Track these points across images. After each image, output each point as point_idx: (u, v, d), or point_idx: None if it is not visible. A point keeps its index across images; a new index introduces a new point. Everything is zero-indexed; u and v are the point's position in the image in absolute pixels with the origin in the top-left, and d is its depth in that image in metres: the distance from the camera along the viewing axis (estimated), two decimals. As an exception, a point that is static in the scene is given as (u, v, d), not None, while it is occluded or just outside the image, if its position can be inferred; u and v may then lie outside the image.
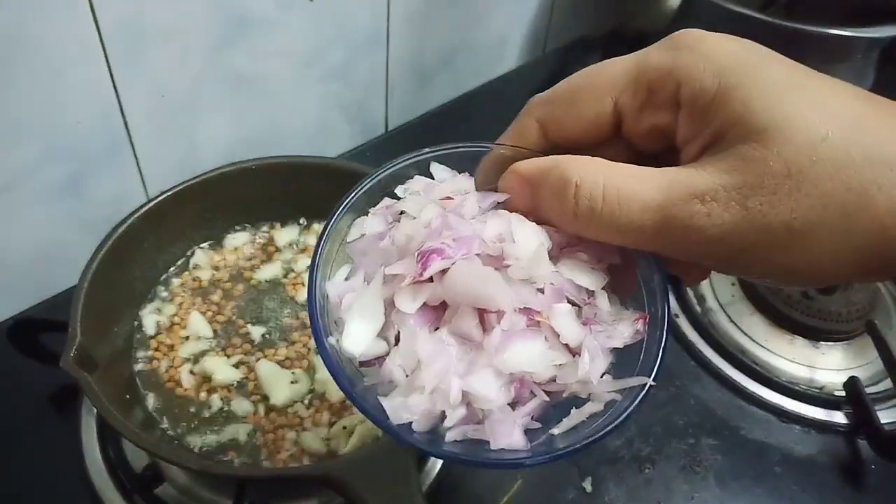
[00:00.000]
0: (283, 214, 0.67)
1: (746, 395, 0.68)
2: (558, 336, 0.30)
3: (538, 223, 0.31)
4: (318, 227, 0.68)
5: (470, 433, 0.30)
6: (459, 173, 0.34)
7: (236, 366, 0.58)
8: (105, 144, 0.67)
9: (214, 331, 0.60)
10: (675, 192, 0.27)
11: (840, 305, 0.71)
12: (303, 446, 0.53)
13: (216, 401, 0.55)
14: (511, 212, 0.31)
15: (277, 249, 0.66)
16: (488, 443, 0.30)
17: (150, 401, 0.55)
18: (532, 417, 0.31)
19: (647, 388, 0.30)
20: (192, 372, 0.57)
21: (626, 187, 0.27)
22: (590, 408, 0.31)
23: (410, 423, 0.30)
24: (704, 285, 0.76)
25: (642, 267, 0.31)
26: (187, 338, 0.59)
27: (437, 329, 0.30)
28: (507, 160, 0.32)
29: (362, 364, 0.31)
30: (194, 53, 0.68)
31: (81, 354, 0.49)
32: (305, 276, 0.63)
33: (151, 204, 0.59)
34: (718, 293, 0.75)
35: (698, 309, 0.74)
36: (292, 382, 0.56)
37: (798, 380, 0.69)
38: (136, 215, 0.58)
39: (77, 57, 0.60)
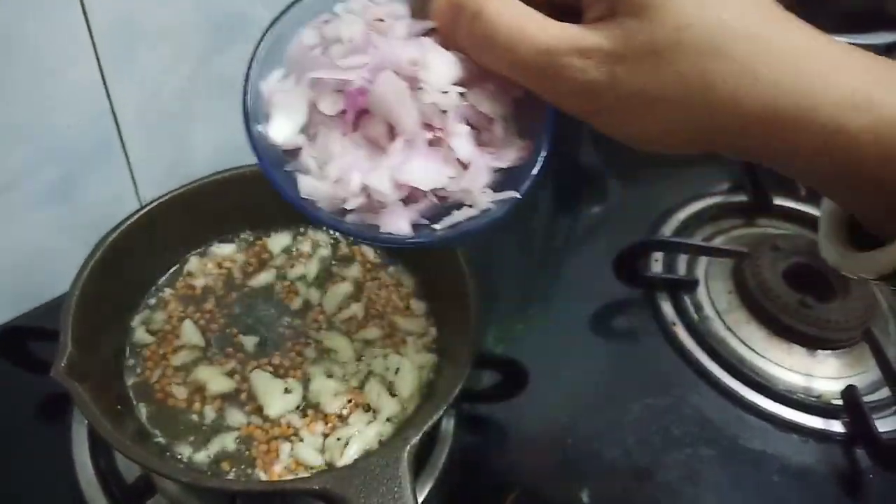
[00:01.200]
0: (276, 221, 0.66)
1: (744, 403, 0.68)
2: (453, 151, 0.36)
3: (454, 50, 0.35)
4: (312, 234, 0.67)
5: (367, 219, 0.37)
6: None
7: (229, 375, 0.57)
8: (96, 148, 0.66)
9: (207, 340, 0.59)
10: (563, 42, 0.30)
11: (837, 314, 0.71)
12: (298, 458, 0.52)
13: (209, 411, 0.54)
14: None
15: (271, 256, 0.65)
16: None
17: (143, 411, 0.54)
18: (421, 215, 0.37)
19: (515, 199, 0.36)
20: (184, 382, 0.56)
21: (523, 26, 0.31)
22: (469, 212, 0.37)
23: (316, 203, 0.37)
24: (701, 293, 0.76)
25: (540, 106, 0.35)
26: (180, 347, 0.58)
27: (354, 131, 0.36)
28: None
29: (285, 153, 0.38)
30: (187, 57, 0.67)
31: (73, 364, 0.48)
32: (299, 284, 0.63)
33: (144, 211, 0.58)
34: (716, 301, 0.75)
35: (695, 317, 0.74)
36: (286, 392, 0.55)
37: (795, 388, 0.69)
38: (128, 222, 0.57)
39: (68, 59, 0.59)
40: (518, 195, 0.37)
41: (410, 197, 0.37)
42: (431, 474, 0.58)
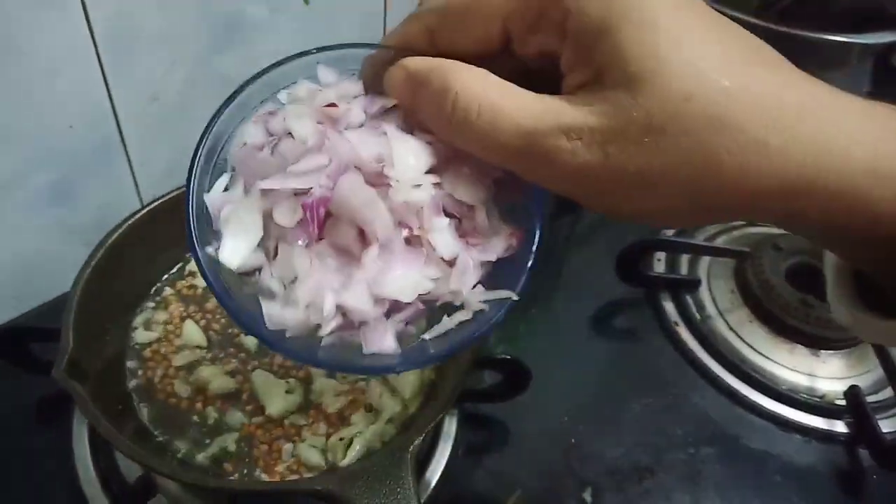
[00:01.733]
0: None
1: (746, 403, 0.68)
2: (434, 250, 0.31)
3: (420, 129, 0.31)
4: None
5: (346, 337, 0.32)
6: (348, 75, 0.34)
7: (231, 375, 0.56)
8: (97, 148, 0.66)
9: (209, 340, 0.59)
10: (546, 121, 0.27)
11: (840, 313, 0.71)
12: (300, 458, 0.52)
13: (211, 411, 0.54)
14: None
15: (273, 256, 0.65)
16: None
17: (144, 411, 0.54)
18: (406, 323, 0.33)
19: (510, 300, 0.33)
20: (186, 382, 0.56)
21: (502, 106, 0.28)
22: (460, 315, 0.33)
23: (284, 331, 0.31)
24: (703, 293, 0.76)
25: (526, 184, 0.31)
26: (182, 347, 0.58)
27: (319, 240, 0.31)
28: (395, 59, 0.31)
29: (241, 275, 0.32)
30: (187, 57, 0.67)
31: (73, 365, 0.48)
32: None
33: (145, 211, 0.58)
34: (718, 301, 0.75)
35: (697, 316, 0.74)
36: (287, 392, 0.55)
37: (798, 388, 0.69)
38: (128, 222, 0.57)
39: (70, 60, 0.59)
40: (514, 296, 0.33)
41: (393, 307, 0.32)
42: (434, 474, 0.58)
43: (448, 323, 0.33)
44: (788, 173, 0.26)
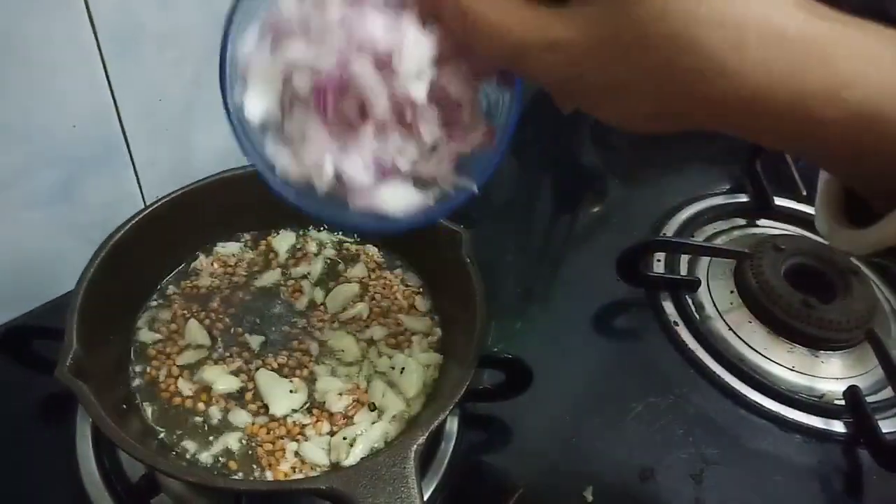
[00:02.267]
0: (281, 220, 0.67)
1: (746, 403, 0.68)
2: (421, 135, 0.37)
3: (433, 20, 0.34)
4: (317, 233, 0.67)
5: (339, 195, 0.38)
6: None
7: (235, 374, 0.57)
8: (101, 148, 0.66)
9: (213, 339, 0.59)
10: (534, 36, 0.30)
11: (839, 314, 0.71)
12: (303, 457, 0.52)
13: (215, 411, 0.54)
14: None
15: (276, 256, 0.65)
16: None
17: (148, 411, 0.54)
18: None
19: (471, 193, 0.39)
20: (190, 381, 0.56)
21: (500, 22, 0.31)
22: (431, 193, 0.39)
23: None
24: (703, 293, 0.76)
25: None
26: (185, 346, 0.58)
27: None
28: None
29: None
30: (192, 56, 0.67)
31: (77, 364, 0.48)
32: (304, 283, 0.63)
33: (148, 210, 0.58)
34: (717, 301, 0.75)
35: (697, 317, 0.74)
36: (291, 391, 0.56)
37: (798, 388, 0.69)
38: (132, 222, 0.57)
39: (73, 59, 0.59)
40: (475, 189, 0.39)
41: (379, 175, 0.38)
42: (436, 473, 0.58)
43: (423, 198, 0.39)
44: (743, 92, 0.27)
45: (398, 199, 0.39)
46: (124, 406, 0.53)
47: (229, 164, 0.63)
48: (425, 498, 0.55)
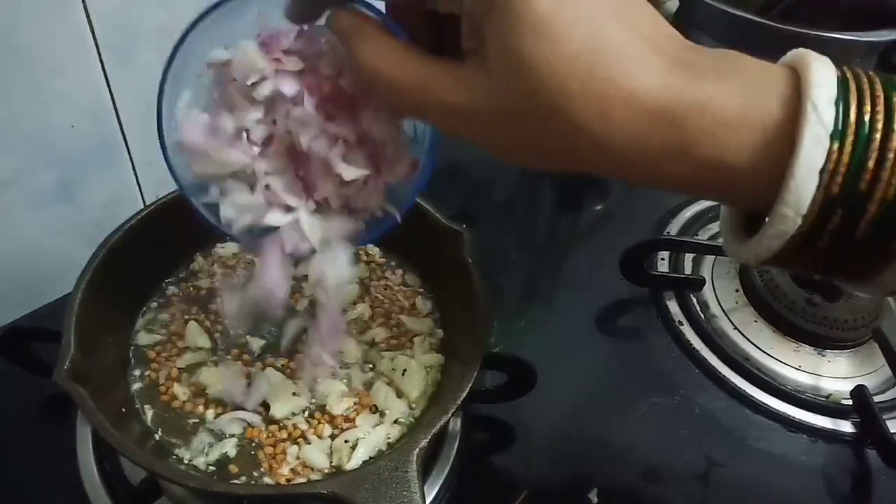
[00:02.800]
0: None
1: (752, 403, 0.67)
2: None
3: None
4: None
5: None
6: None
7: (235, 377, 0.56)
8: (99, 148, 0.66)
9: (213, 341, 0.58)
10: (428, 99, 0.33)
11: (845, 313, 0.71)
12: (305, 460, 0.51)
13: (214, 413, 0.54)
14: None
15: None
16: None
17: (148, 414, 0.54)
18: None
19: (394, 220, 0.43)
20: (190, 384, 0.55)
21: (392, 77, 0.33)
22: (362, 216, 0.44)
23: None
24: (708, 292, 0.75)
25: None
26: (185, 349, 0.58)
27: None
28: None
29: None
30: (190, 56, 0.67)
31: (75, 367, 0.47)
32: (305, 285, 0.62)
33: (147, 211, 0.58)
34: (722, 300, 0.75)
35: (702, 316, 0.73)
36: (292, 394, 0.55)
37: (804, 388, 0.68)
38: (131, 223, 0.57)
39: (71, 58, 0.59)
40: (398, 218, 0.44)
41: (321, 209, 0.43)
42: (440, 475, 0.58)
43: (351, 224, 0.43)
44: (608, 154, 0.31)
45: (336, 230, 0.43)
46: (123, 409, 0.53)
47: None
48: (428, 501, 0.55)
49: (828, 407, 0.67)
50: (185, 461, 0.51)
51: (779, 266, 0.34)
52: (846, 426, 0.66)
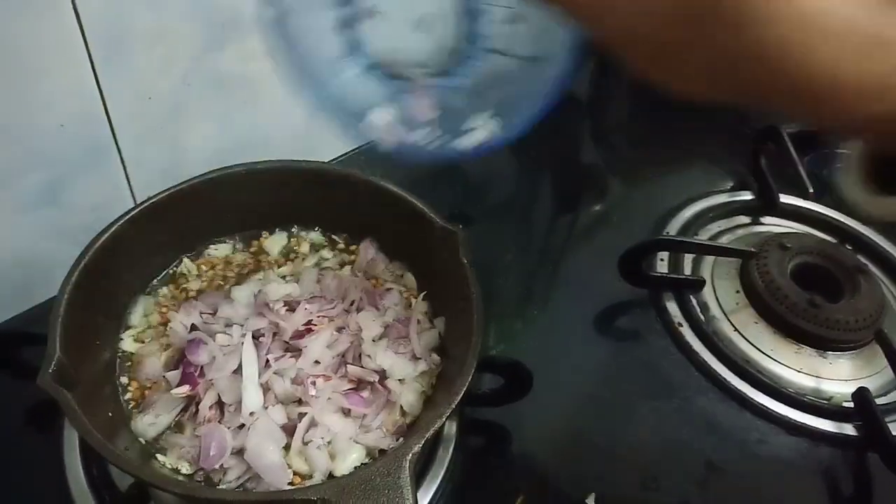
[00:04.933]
0: (272, 221, 0.65)
1: (753, 406, 0.66)
2: None
3: None
4: (309, 234, 0.65)
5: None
6: None
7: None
8: (89, 149, 0.65)
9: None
10: None
11: (847, 314, 0.69)
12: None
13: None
14: None
15: (268, 257, 0.63)
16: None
17: (137, 420, 0.53)
18: None
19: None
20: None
21: None
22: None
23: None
24: (707, 293, 0.74)
25: None
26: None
27: None
28: None
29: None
30: (181, 55, 0.66)
31: (61, 371, 0.46)
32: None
33: (135, 211, 0.57)
34: (722, 302, 0.73)
35: (702, 317, 0.72)
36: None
37: (805, 390, 0.67)
38: (119, 223, 0.55)
39: (60, 59, 0.58)
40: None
41: None
42: (435, 479, 0.57)
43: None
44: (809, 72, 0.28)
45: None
46: (111, 414, 0.51)
47: (220, 163, 0.62)
48: (423, 505, 0.54)
49: (829, 410, 0.66)
50: (174, 467, 0.50)
51: None
52: (848, 429, 0.65)
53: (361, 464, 0.50)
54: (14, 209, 0.62)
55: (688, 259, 0.78)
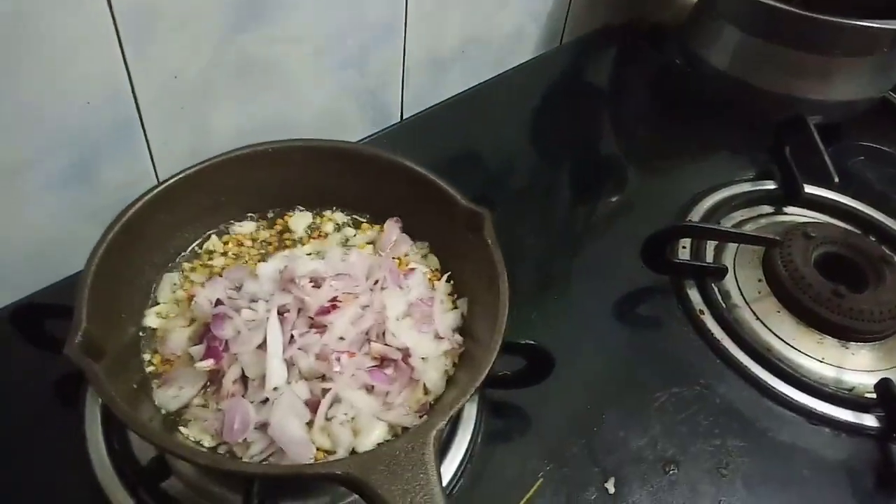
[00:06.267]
0: (297, 200, 0.65)
1: (774, 395, 0.66)
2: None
3: None
4: (334, 214, 0.65)
5: None
6: None
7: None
8: (115, 129, 0.65)
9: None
10: None
11: (871, 304, 0.69)
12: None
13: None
14: None
15: (292, 235, 0.63)
16: None
17: (159, 392, 0.53)
18: None
19: None
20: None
21: None
22: None
23: None
24: (730, 281, 0.74)
25: None
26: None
27: None
28: None
29: None
30: (208, 36, 0.66)
31: (87, 342, 0.46)
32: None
33: (162, 187, 0.57)
34: (744, 290, 0.73)
35: (723, 305, 0.72)
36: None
37: (827, 380, 0.67)
38: (145, 198, 0.55)
39: (89, 37, 0.58)
40: None
41: None
42: (453, 461, 0.57)
43: None
44: None
45: None
46: (135, 386, 0.52)
47: (245, 142, 0.62)
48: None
49: (851, 400, 0.66)
50: (192, 439, 0.50)
51: None
52: (870, 420, 0.65)
53: (385, 441, 0.50)
54: (42, 188, 0.63)
55: (710, 247, 0.77)
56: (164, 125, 0.68)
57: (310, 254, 0.61)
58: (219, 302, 0.53)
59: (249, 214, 0.64)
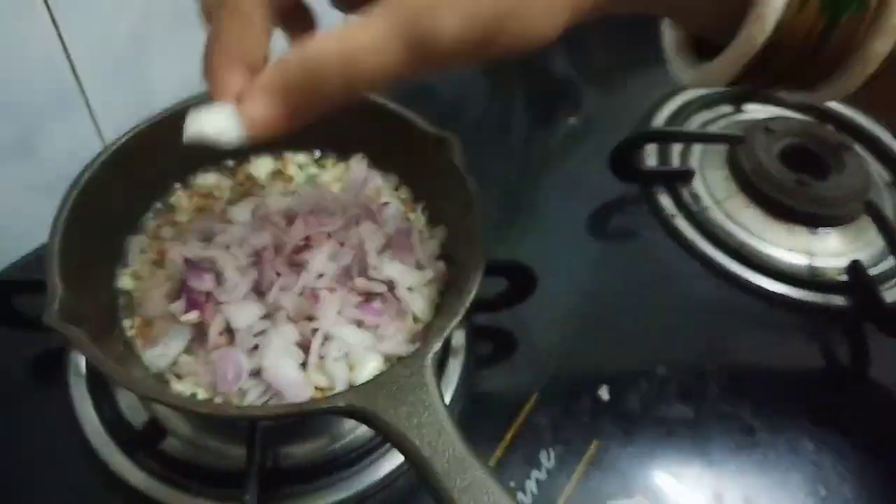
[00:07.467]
0: (257, 145, 0.63)
1: (750, 288, 0.68)
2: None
3: None
4: (296, 156, 0.63)
5: None
6: None
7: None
8: (54, 97, 0.62)
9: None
10: None
11: (834, 189, 0.70)
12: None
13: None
14: None
15: (257, 182, 0.61)
16: None
17: (145, 353, 0.52)
18: None
19: None
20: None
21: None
22: None
23: None
24: (698, 183, 0.75)
25: None
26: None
27: None
28: None
29: None
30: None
31: (66, 309, 0.44)
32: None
33: (114, 148, 0.54)
34: (713, 190, 0.74)
35: (694, 207, 0.73)
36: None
37: (799, 268, 0.69)
38: (99, 160, 0.53)
39: (15, 5, 0.55)
40: None
41: None
42: (447, 389, 0.57)
43: None
44: None
45: None
46: (121, 349, 0.50)
47: (190, 93, 0.59)
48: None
49: (824, 284, 0.68)
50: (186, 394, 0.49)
51: (735, 82, 0.34)
52: (842, 301, 0.67)
53: (382, 370, 0.50)
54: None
55: (676, 152, 0.78)
56: (104, 88, 0.66)
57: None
58: (191, 259, 0.52)
59: (209, 166, 0.62)
